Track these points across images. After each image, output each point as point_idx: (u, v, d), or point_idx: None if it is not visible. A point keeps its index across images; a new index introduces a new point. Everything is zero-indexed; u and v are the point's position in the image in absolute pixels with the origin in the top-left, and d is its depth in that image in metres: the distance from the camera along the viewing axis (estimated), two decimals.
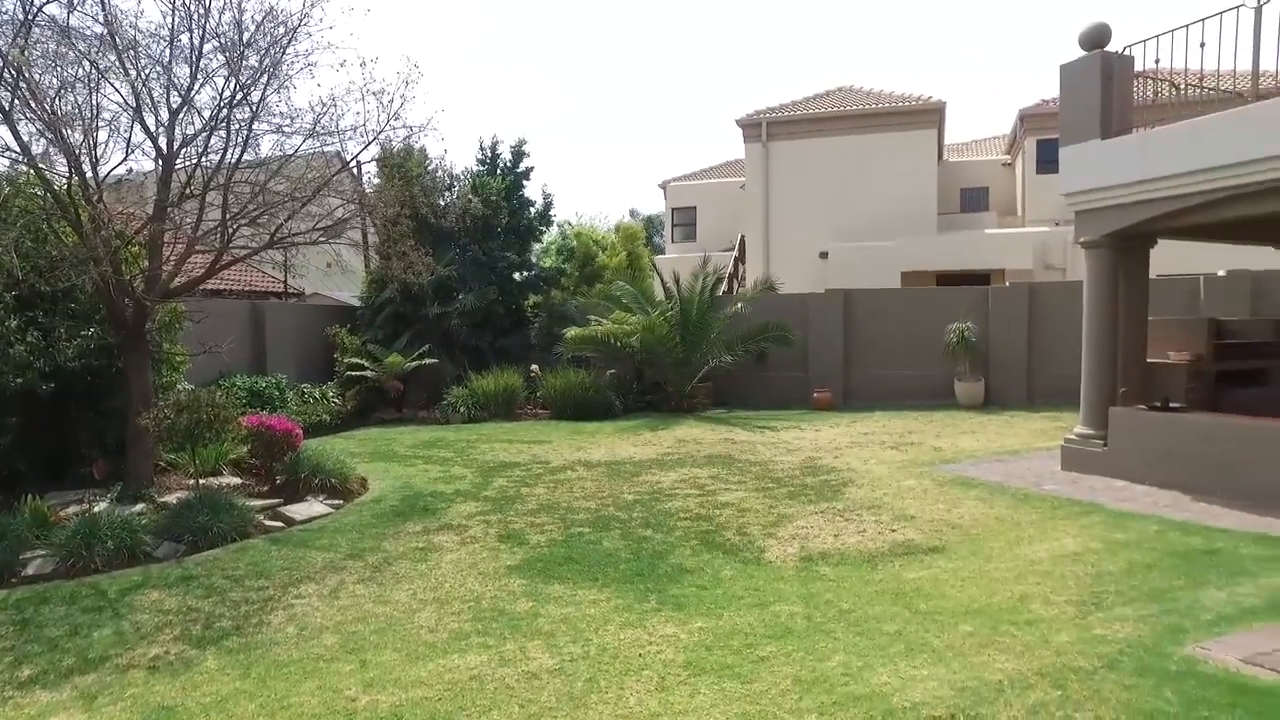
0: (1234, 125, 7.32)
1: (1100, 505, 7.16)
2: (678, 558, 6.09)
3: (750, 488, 8.57)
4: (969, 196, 25.54)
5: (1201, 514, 6.73)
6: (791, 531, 6.74)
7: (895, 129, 22.37)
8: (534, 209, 20.10)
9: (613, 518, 7.39)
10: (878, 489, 8.28)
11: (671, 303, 16.93)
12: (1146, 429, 8.06)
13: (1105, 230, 8.47)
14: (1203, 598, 4.76)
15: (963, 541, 6.24)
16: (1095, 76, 8.44)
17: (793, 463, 10.01)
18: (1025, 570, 5.43)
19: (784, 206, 23.23)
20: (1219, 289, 14.53)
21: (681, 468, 9.86)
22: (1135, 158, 8.06)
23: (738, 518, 7.27)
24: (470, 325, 17.78)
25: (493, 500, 8.23)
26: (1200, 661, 3.89)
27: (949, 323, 15.60)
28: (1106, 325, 8.60)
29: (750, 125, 23.36)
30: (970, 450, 10.48)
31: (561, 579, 5.64)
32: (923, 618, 4.64)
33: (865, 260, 20.52)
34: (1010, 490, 7.92)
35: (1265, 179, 7.10)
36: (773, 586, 5.36)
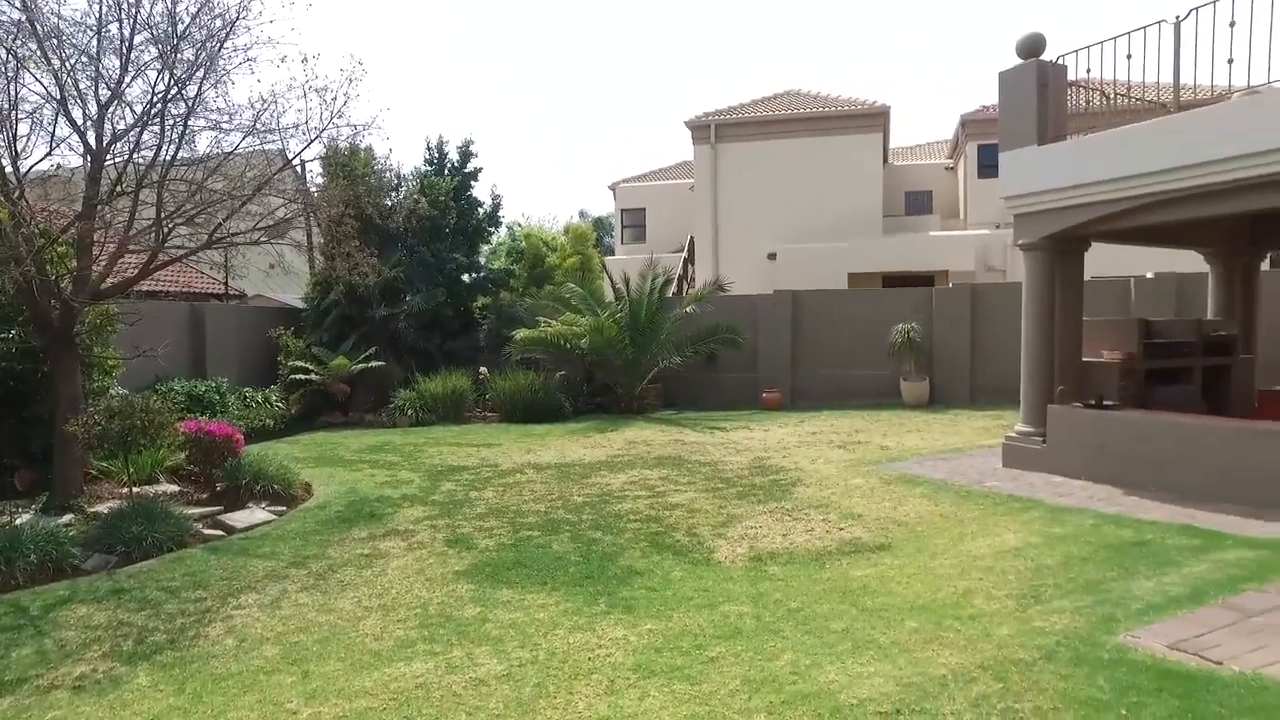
0: (1157, 135, 7.59)
1: (1039, 501, 7.35)
2: (628, 560, 6.08)
3: (700, 488, 8.60)
4: (913, 199, 26.06)
5: (1133, 507, 6.95)
6: (741, 532, 6.78)
7: (842, 132, 22.72)
8: (482, 210, 19.92)
9: (562, 520, 7.34)
10: (826, 488, 8.37)
11: (621, 304, 16.95)
12: (1082, 426, 8.30)
13: (1042, 233, 8.71)
14: (1133, 588, 4.91)
15: (909, 539, 6.35)
16: (1031, 84, 8.67)
17: (742, 463, 10.07)
18: (968, 566, 5.54)
19: (733, 208, 23.42)
20: (1148, 290, 15.07)
21: (631, 469, 9.85)
22: (1070, 163, 8.31)
23: (687, 519, 7.28)
24: (418, 327, 17.54)
25: (441, 505, 8.12)
26: (1131, 649, 4.01)
27: (895, 323, 15.90)
28: (1044, 325, 8.85)
29: (699, 127, 23.49)
30: (916, 448, 10.67)
31: (510, 583, 5.58)
32: (869, 615, 4.69)
33: (813, 261, 20.80)
34: (954, 487, 8.08)
35: (1186, 186, 7.39)
36: (722, 587, 5.37)
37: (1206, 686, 3.62)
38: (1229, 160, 7.04)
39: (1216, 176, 7.18)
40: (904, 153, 29.82)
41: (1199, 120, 7.35)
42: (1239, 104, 7.19)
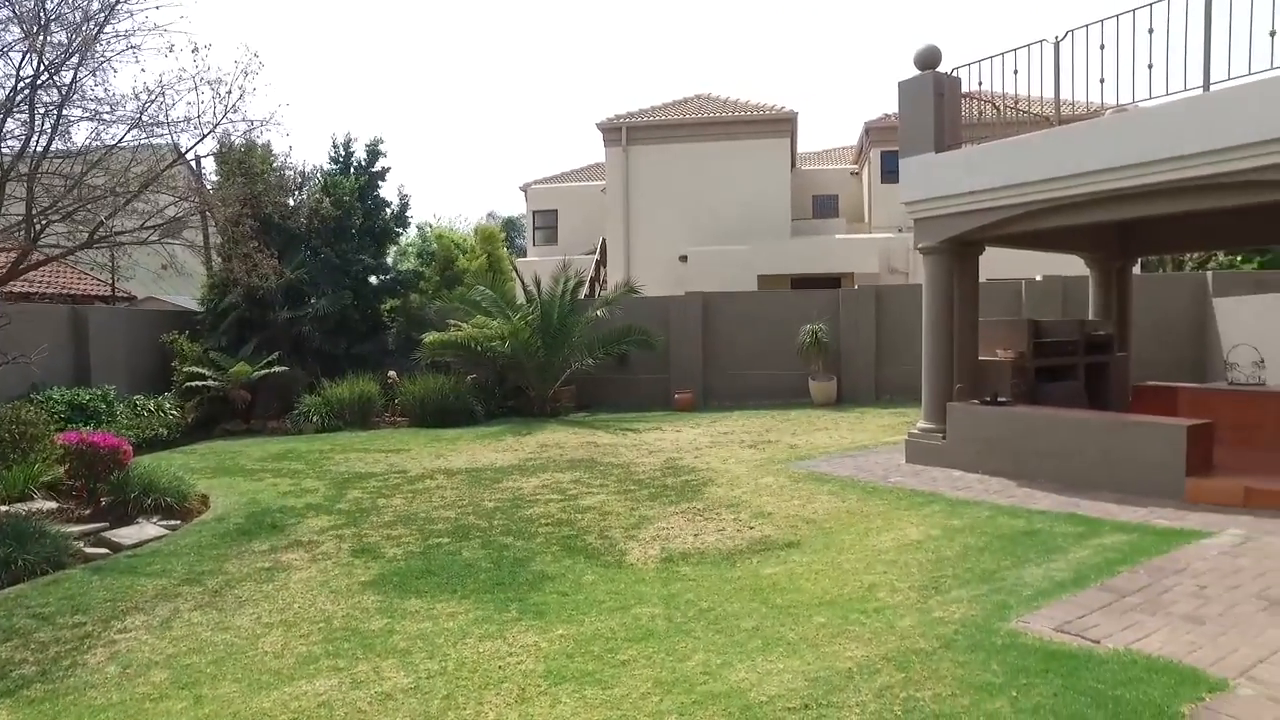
0: (1040, 146, 8.03)
1: (940, 495, 7.63)
2: (539, 564, 6.01)
3: (612, 490, 8.59)
4: (820, 203, 26.76)
5: (1025, 498, 7.30)
6: (653, 533, 6.80)
7: (751, 136, 23.13)
8: (390, 210, 19.44)
9: (473, 526, 7.22)
10: (737, 487, 8.49)
11: (532, 306, 16.83)
12: (979, 422, 8.68)
13: (941, 237, 9.06)
14: (1024, 575, 5.15)
15: (817, 535, 6.49)
16: (929, 94, 9.02)
17: (654, 464, 10.12)
18: (874, 560, 5.70)
19: (644, 210, 23.55)
20: (1037, 292, 15.89)
21: (544, 473, 9.77)
22: (964, 170, 8.67)
23: (600, 521, 7.27)
24: (323, 331, 16.97)
25: (347, 513, 7.86)
26: (1021, 634, 4.20)
27: (803, 324, 16.27)
28: (943, 325, 9.21)
29: (610, 129, 23.53)
30: (824, 447, 10.94)
31: (419, 592, 5.44)
32: (779, 612, 4.77)
33: (723, 263, 21.10)
34: (860, 484, 8.32)
35: (1067, 194, 7.83)
36: (634, 589, 5.37)
37: (1086, 664, 3.82)
38: (1101, 172, 7.51)
39: (1091, 186, 7.63)
40: (811, 158, 30.59)
41: (1075, 134, 7.80)
42: (1108, 121, 7.66)
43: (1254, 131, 6.57)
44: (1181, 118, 7.03)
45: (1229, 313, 14.63)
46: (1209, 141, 6.84)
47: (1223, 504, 6.79)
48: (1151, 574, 5.03)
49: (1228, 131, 6.72)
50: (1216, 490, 6.89)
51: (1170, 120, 7.10)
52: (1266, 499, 6.66)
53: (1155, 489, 7.19)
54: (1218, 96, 6.92)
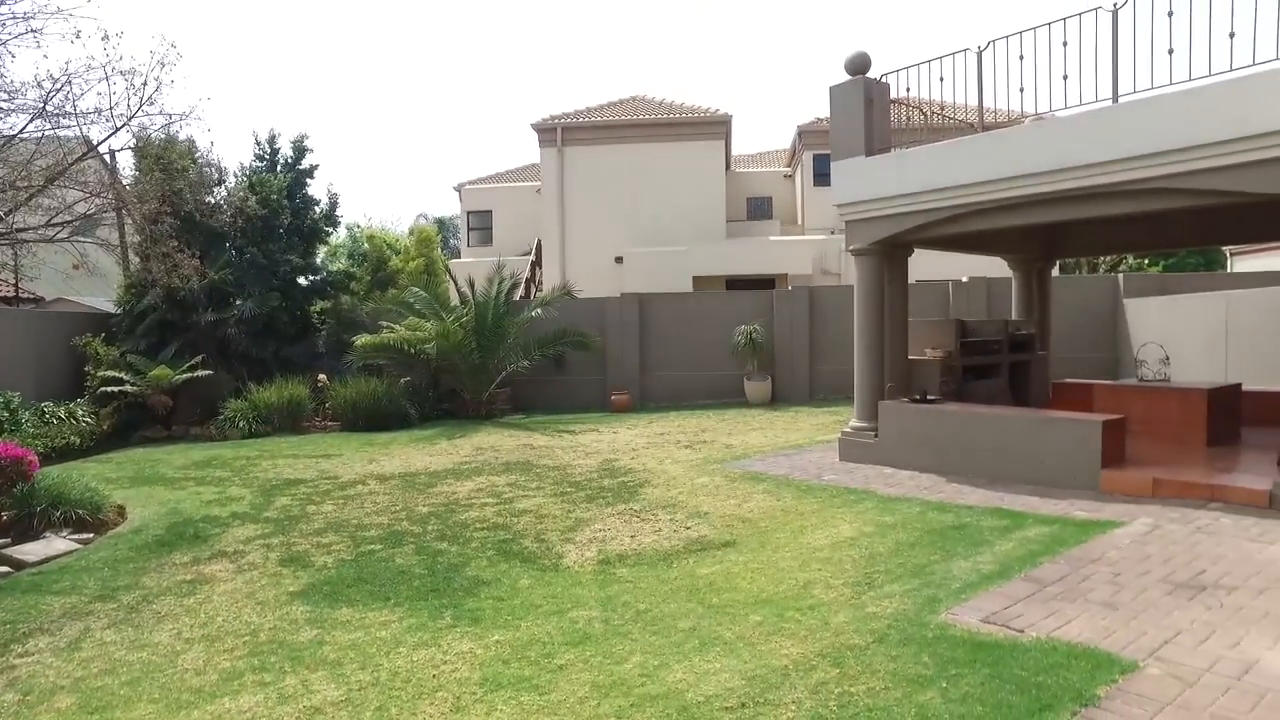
0: (964, 151, 8.28)
1: (873, 492, 7.79)
2: (474, 570, 5.92)
3: (548, 493, 8.53)
4: (755, 205, 27.09)
5: (954, 494, 7.50)
6: (589, 535, 6.77)
7: (687, 139, 23.28)
8: (319, 209, 18.95)
9: (406, 532, 7.07)
10: (673, 488, 8.51)
11: (467, 308, 16.62)
12: (909, 420, 8.89)
13: (872, 239, 9.26)
14: (953, 569, 5.29)
15: (752, 535, 6.55)
16: (859, 99, 9.20)
17: (591, 465, 10.09)
18: (809, 558, 5.78)
19: (580, 211, 23.49)
20: (963, 293, 16.37)
21: (479, 476, 9.64)
22: (894, 174, 8.88)
23: (536, 524, 7.20)
24: (250, 333, 16.43)
25: (275, 521, 7.62)
26: (951, 627, 4.31)
27: (738, 325, 16.45)
28: (875, 325, 9.40)
29: (545, 130, 23.40)
30: (759, 446, 11.06)
31: (350, 601, 5.29)
32: (715, 611, 4.79)
33: (659, 265, 21.18)
34: (795, 483, 8.43)
35: (989, 199, 8.09)
36: (571, 592, 5.33)
37: (1011, 653, 3.94)
38: (1022, 177, 7.80)
39: (1013, 191, 7.91)
40: (745, 160, 30.95)
41: (998, 140, 8.07)
42: (1028, 128, 7.96)
43: (1152, 143, 6.91)
44: (1092, 127, 7.34)
45: (1138, 313, 15.34)
46: (1116, 150, 7.17)
47: (1134, 494, 7.10)
48: (1071, 564, 5.22)
49: (1131, 142, 7.05)
50: (1128, 481, 7.20)
51: (1083, 129, 7.40)
52: (1172, 489, 6.98)
53: (1073, 481, 7.47)
54: (1122, 109, 7.25)
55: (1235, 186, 6.63)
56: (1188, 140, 6.74)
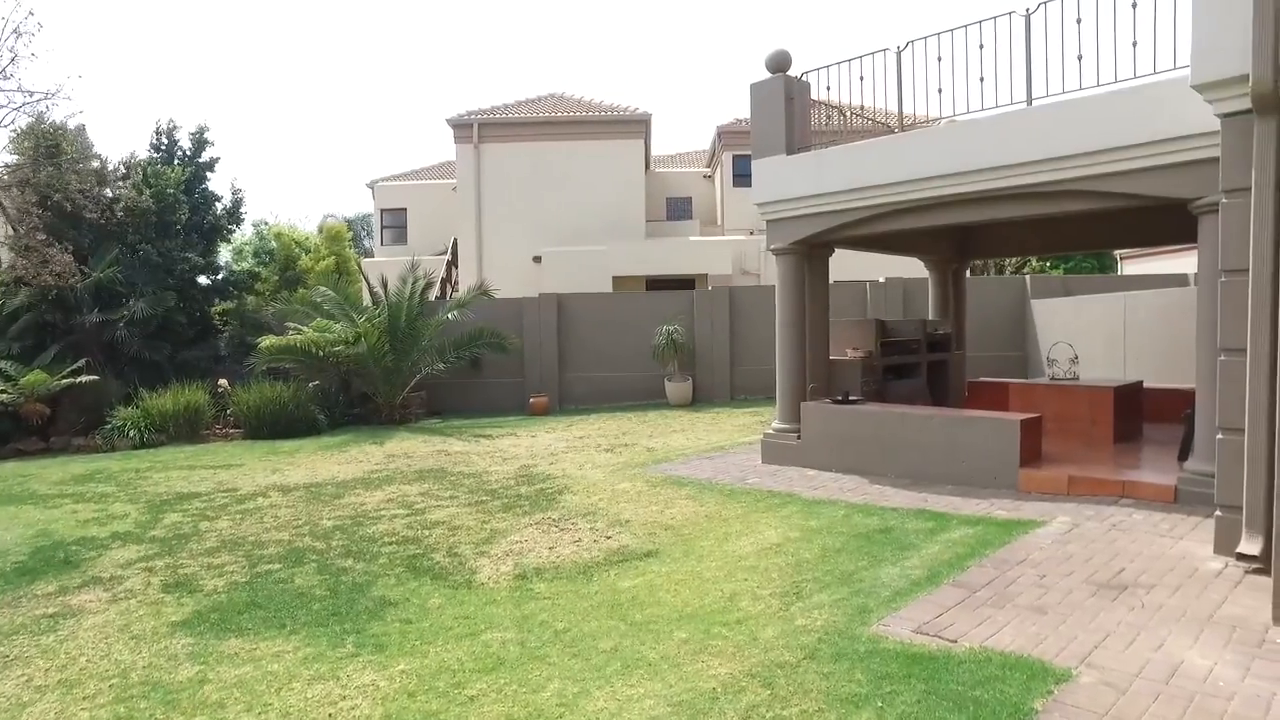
0: (883, 152, 8.27)
1: (797, 495, 7.68)
2: (381, 589, 5.52)
3: (463, 502, 8.14)
4: (674, 205, 27.06)
5: (878, 496, 7.45)
6: (506, 548, 6.43)
7: (606, 137, 23.03)
8: (221, 205, 17.99)
9: (309, 549, 6.59)
10: (593, 494, 8.24)
11: (379, 308, 15.98)
12: (831, 421, 8.83)
13: (792, 238, 9.18)
14: (882, 575, 5.17)
15: (676, 543, 6.33)
16: (780, 97, 9.11)
17: (508, 472, 9.73)
18: (734, 567, 5.59)
19: (497, 210, 22.97)
20: (880, 293, 16.60)
21: (390, 485, 9.17)
22: (813, 173, 8.81)
23: (449, 537, 6.82)
24: (143, 336, 15.43)
25: (162, 541, 7.01)
26: (883, 639, 4.16)
27: (659, 325, 16.28)
28: (796, 326, 9.32)
29: (461, 126, 22.80)
30: (681, 449, 10.89)
31: (241, 631, 4.82)
32: (638, 629, 4.54)
33: (578, 265, 20.87)
34: (718, 486, 8.26)
35: (910, 198, 8.09)
36: (485, 612, 5.00)
37: (945, 666, 3.81)
38: (939, 178, 7.82)
39: (930, 191, 7.93)
40: (666, 160, 30.90)
41: (916, 141, 8.09)
42: (945, 129, 7.98)
43: (1064, 145, 7.01)
44: (1007, 129, 7.41)
45: (1043, 313, 15.84)
46: (1030, 153, 7.25)
47: (1050, 492, 7.18)
48: (997, 566, 5.17)
49: (1045, 144, 7.14)
50: (1045, 480, 7.28)
51: (998, 131, 7.46)
52: (1086, 486, 7.09)
53: (993, 480, 7.52)
54: (1036, 112, 7.33)
55: (1142, 190, 6.77)
56: (1098, 144, 6.85)
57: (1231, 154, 5.16)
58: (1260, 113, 4.89)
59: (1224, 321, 5.19)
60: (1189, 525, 5.97)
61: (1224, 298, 5.21)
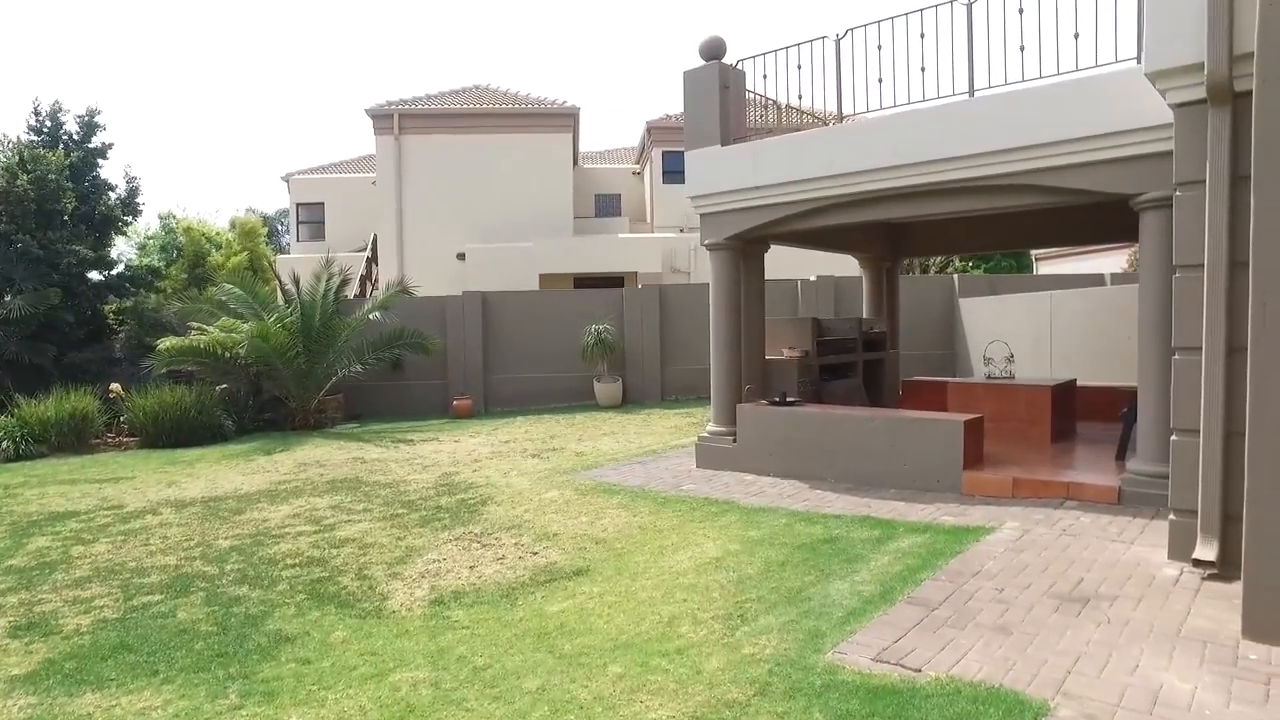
0: (819, 143, 7.97)
1: (735, 502, 7.29)
2: (278, 621, 4.89)
3: (377, 516, 7.50)
4: (603, 202, 26.58)
5: (819, 502, 7.12)
6: (422, 568, 5.86)
7: (532, 130, 22.41)
8: (115, 194, 16.70)
9: (198, 575, 5.88)
10: (518, 505, 7.71)
11: (291, 307, 15.06)
12: (768, 423, 8.49)
13: (727, 233, 8.80)
14: (832, 592, 4.81)
15: (607, 558, 5.86)
16: (714, 85, 8.73)
17: (428, 481, 9.11)
18: (672, 585, 5.15)
19: (419, 205, 22.10)
20: (812, 292, 16.46)
21: (298, 498, 8.45)
22: (749, 165, 8.45)
23: (359, 556, 6.20)
24: (22, 336, 14.15)
25: (20, 572, 6.17)
26: (840, 669, 3.78)
27: (587, 324, 15.79)
28: (731, 324, 8.96)
29: (381, 116, 21.85)
30: (611, 453, 10.42)
31: (101, 682, 4.13)
32: (568, 663, 4.05)
33: (504, 262, 20.21)
34: (651, 494, 7.83)
35: (848, 191, 7.81)
36: (395, 646, 4.43)
37: (911, 700, 3.44)
38: (877, 171, 7.55)
39: (869, 185, 7.66)
40: (595, 156, 30.39)
41: (855, 132, 7.81)
42: (885, 121, 7.69)
43: (1006, 138, 6.81)
44: (947, 122, 7.18)
45: (971, 312, 15.94)
46: (971, 145, 7.03)
47: (995, 495, 6.97)
48: (952, 579, 4.86)
49: (986, 137, 6.93)
50: (989, 482, 7.07)
51: (938, 124, 7.22)
52: (1030, 488, 6.91)
53: (936, 483, 7.29)
54: (977, 103, 7.12)
55: (1084, 185, 6.61)
56: (1039, 138, 6.68)
57: (1185, 146, 4.96)
58: (1215, 103, 4.70)
59: (1178, 319, 5.00)
60: (1137, 528, 5.80)
61: (1178, 294, 5.01)
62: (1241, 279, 4.64)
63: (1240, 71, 4.52)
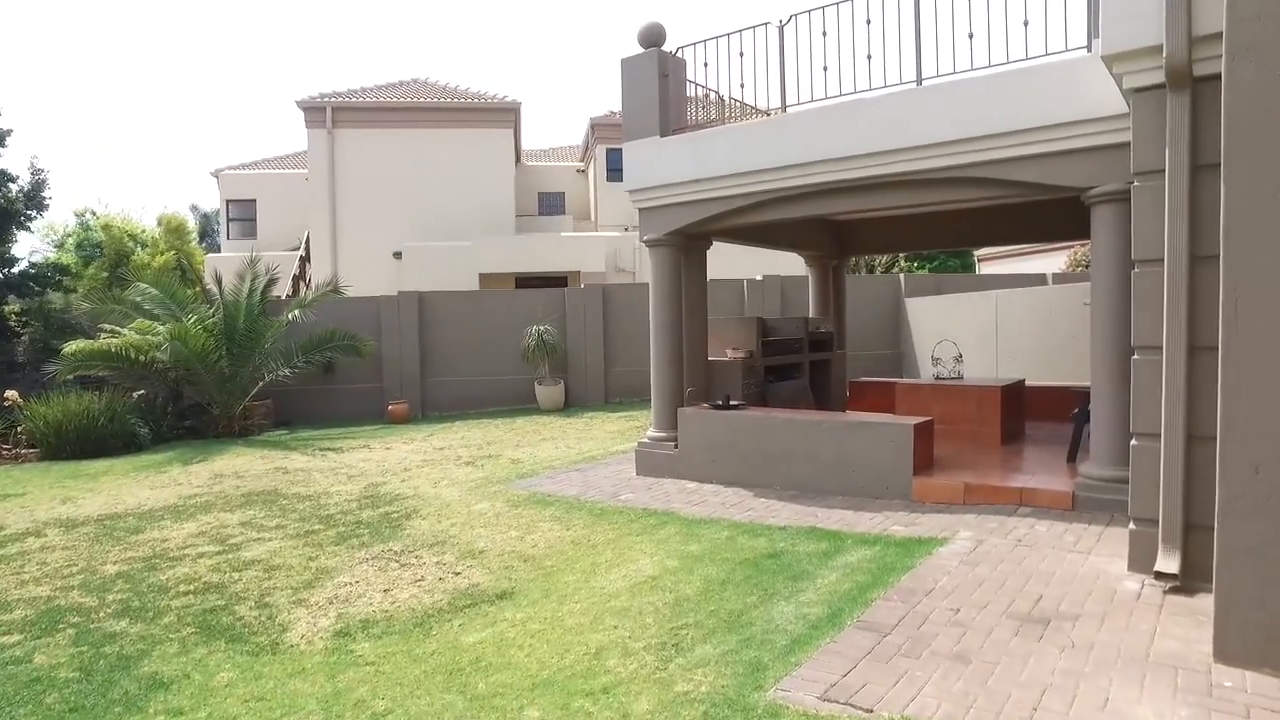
0: (767, 133, 7.59)
1: (675, 513, 6.87)
2: (155, 663, 4.30)
3: (291, 533, 6.91)
4: (547, 200, 26.02)
5: (764, 511, 6.74)
6: (331, 592, 5.31)
7: (472, 125, 21.75)
8: (17, 187, 15.61)
9: (73, 608, 5.23)
10: (445, 518, 7.18)
11: (214, 308, 14.24)
12: (711, 427, 8.09)
13: (668, 229, 8.39)
14: (775, 616, 4.40)
15: (535, 579, 5.38)
16: (653, 73, 8.31)
17: (352, 492, 8.51)
18: (602, 610, 4.69)
19: (354, 202, 21.26)
20: (758, 291, 16.17)
21: (206, 514, 7.78)
22: (690, 157, 8.05)
23: (263, 581, 5.61)
24: None
25: None
26: (783, 710, 3.37)
27: (529, 325, 15.27)
28: (672, 324, 8.54)
29: (313, 108, 20.97)
30: (550, 460, 9.93)
31: None
32: (480, 707, 3.57)
33: (442, 261, 19.53)
34: (587, 505, 7.36)
35: (793, 185, 7.46)
36: (287, 688, 3.90)
37: None
38: (822, 162, 7.22)
39: (815, 177, 7.32)
40: (539, 154, 29.80)
41: (799, 123, 7.44)
42: (830, 111, 7.33)
43: (954, 129, 6.53)
44: (894, 111, 6.87)
45: (917, 311, 15.83)
46: (918, 137, 6.73)
47: (946, 502, 6.68)
48: (905, 599, 4.50)
49: (934, 127, 6.64)
50: (940, 489, 6.77)
51: (885, 113, 6.91)
52: (982, 494, 6.62)
53: (885, 490, 6.96)
54: (926, 92, 6.82)
55: (1034, 178, 6.35)
56: (988, 128, 6.40)
57: (1143, 133, 4.69)
58: (1174, 87, 4.43)
59: (1138, 317, 4.72)
60: (1093, 537, 5.53)
61: (1137, 291, 4.74)
62: (1203, 274, 4.38)
63: (1201, 54, 4.25)
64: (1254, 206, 3.44)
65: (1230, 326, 3.48)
